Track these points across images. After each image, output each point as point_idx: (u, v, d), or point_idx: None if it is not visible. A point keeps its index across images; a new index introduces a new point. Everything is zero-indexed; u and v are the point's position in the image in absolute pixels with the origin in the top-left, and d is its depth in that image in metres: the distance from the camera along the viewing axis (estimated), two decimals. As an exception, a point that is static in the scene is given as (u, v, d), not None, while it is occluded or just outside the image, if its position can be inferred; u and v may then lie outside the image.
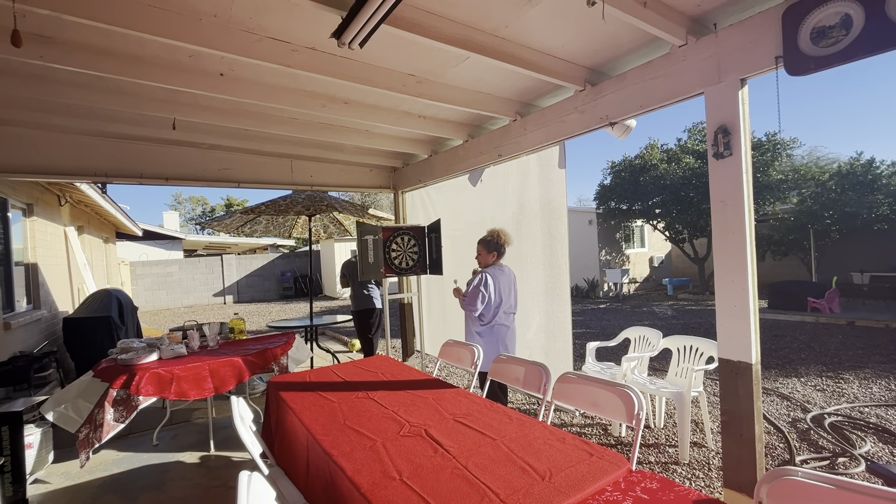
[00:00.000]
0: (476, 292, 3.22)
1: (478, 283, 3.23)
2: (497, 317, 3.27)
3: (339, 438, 1.82)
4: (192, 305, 16.07)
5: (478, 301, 3.21)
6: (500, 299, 3.24)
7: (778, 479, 1.23)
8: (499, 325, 3.29)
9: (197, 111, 3.47)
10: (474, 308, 3.23)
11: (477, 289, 3.22)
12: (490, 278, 3.22)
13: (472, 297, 3.23)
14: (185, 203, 40.02)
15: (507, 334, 3.34)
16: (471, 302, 3.24)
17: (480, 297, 3.21)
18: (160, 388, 3.16)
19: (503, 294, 3.26)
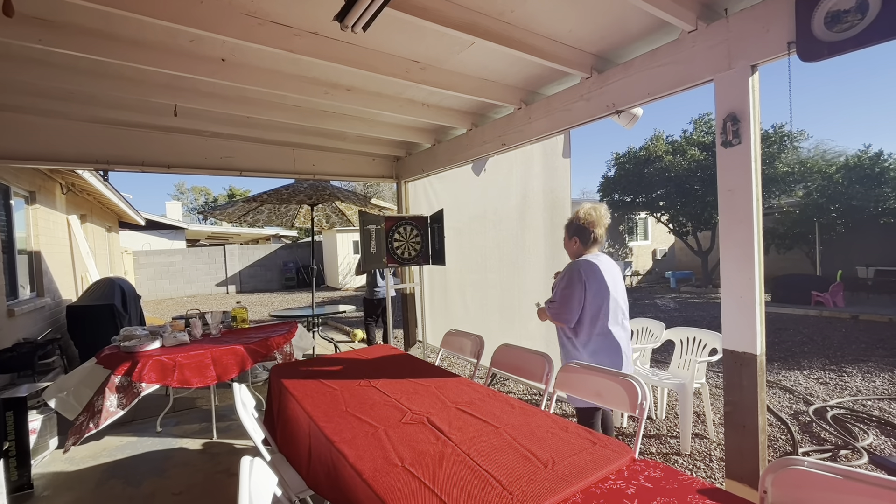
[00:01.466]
0: (565, 297, 2.34)
1: (565, 284, 2.36)
2: (601, 323, 2.36)
3: (341, 425, 1.81)
4: (195, 295, 16.13)
5: (570, 307, 2.32)
6: (600, 300, 2.34)
7: (783, 469, 1.22)
8: (606, 335, 2.37)
9: (198, 97, 3.43)
10: (567, 318, 2.35)
11: (565, 292, 2.34)
12: (582, 273, 2.33)
13: (562, 303, 2.36)
14: (187, 193, 40.05)
15: (622, 346, 2.39)
16: (561, 310, 2.36)
17: (572, 302, 2.33)
18: (163, 376, 3.18)
19: (604, 292, 2.34)
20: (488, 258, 4.40)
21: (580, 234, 2.47)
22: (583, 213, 2.47)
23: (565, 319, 2.37)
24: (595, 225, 2.43)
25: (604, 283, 2.34)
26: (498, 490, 1.29)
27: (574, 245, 2.50)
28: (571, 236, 2.52)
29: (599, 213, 2.45)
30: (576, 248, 2.50)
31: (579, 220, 2.46)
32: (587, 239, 2.46)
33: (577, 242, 2.48)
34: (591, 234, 2.44)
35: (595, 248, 2.47)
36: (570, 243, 2.54)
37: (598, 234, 2.44)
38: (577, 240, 2.48)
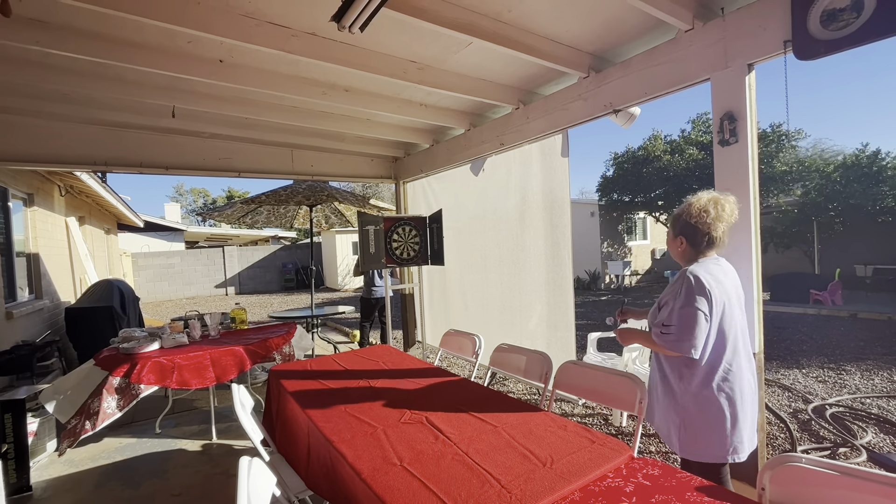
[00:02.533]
0: (687, 318, 1.67)
1: (683, 301, 1.69)
2: (728, 355, 1.73)
3: (340, 425, 1.81)
4: (194, 296, 16.12)
5: (695, 332, 1.66)
6: (726, 320, 1.73)
7: (781, 466, 1.22)
8: (725, 366, 1.73)
9: (196, 99, 3.43)
10: (693, 345, 1.67)
11: (685, 311, 1.68)
12: (706, 285, 1.68)
13: (684, 327, 1.67)
14: (186, 195, 40.04)
15: (749, 387, 1.78)
16: (682, 337, 1.67)
17: (697, 325, 1.66)
18: (161, 377, 3.17)
19: (729, 310, 1.74)
20: (488, 258, 4.40)
21: (688, 233, 1.85)
22: (697, 207, 1.82)
23: (688, 348, 1.67)
24: (712, 225, 1.79)
25: (730, 296, 1.76)
26: (496, 489, 1.29)
27: (680, 246, 1.88)
28: (676, 234, 1.90)
29: (721, 209, 1.80)
30: (683, 252, 1.88)
31: (690, 217, 1.83)
32: (699, 241, 1.82)
33: (685, 244, 1.86)
34: (704, 237, 1.81)
35: (712, 252, 1.85)
36: (674, 243, 1.93)
37: (716, 235, 1.81)
38: (683, 240, 1.87)
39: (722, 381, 1.73)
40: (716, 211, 1.80)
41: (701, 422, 1.74)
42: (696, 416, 1.74)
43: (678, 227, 1.90)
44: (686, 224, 1.85)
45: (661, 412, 1.89)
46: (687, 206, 1.88)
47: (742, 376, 1.75)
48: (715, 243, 1.83)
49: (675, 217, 1.93)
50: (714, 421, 1.71)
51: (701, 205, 1.82)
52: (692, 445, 1.76)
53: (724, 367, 1.74)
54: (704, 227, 1.81)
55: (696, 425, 1.75)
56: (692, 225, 1.83)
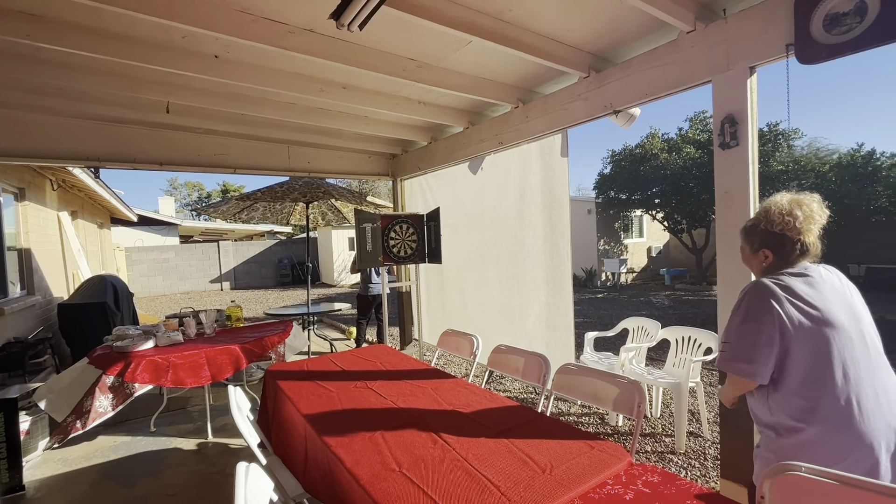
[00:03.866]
0: (744, 336, 1.43)
1: (742, 318, 1.44)
2: (826, 380, 1.34)
3: (338, 429, 1.80)
4: (189, 292, 16.02)
5: (754, 352, 1.39)
6: (819, 345, 1.36)
7: (781, 475, 1.22)
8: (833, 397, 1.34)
9: (191, 94, 3.38)
10: (751, 369, 1.39)
11: (742, 328, 1.44)
12: (772, 300, 1.38)
13: (739, 345, 1.44)
14: (180, 189, 39.75)
15: (884, 439, 1.32)
16: (737, 356, 1.43)
17: (757, 344, 1.39)
18: (156, 376, 3.15)
19: (825, 329, 1.36)
20: (486, 257, 4.39)
21: (773, 243, 1.51)
22: (778, 211, 1.50)
23: (746, 371, 1.40)
24: (803, 230, 1.47)
25: (825, 309, 1.38)
26: (496, 496, 1.29)
27: (765, 261, 1.53)
28: (757, 248, 1.55)
29: (810, 211, 1.48)
30: (768, 267, 1.53)
31: (772, 225, 1.50)
32: (789, 251, 1.49)
33: (770, 257, 1.52)
34: (795, 244, 1.48)
35: (804, 261, 1.50)
36: (754, 259, 1.58)
37: (810, 240, 1.48)
38: (768, 254, 1.52)
39: (833, 420, 1.32)
40: (803, 212, 1.47)
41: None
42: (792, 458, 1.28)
43: (759, 239, 1.55)
44: (768, 234, 1.51)
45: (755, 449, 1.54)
46: (764, 212, 1.55)
47: (875, 417, 1.32)
48: (809, 251, 1.48)
49: (750, 227, 1.60)
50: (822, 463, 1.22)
51: (783, 208, 1.49)
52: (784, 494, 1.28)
53: (834, 401, 1.33)
54: (794, 234, 1.46)
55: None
56: (777, 234, 1.49)
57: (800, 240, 1.47)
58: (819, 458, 1.29)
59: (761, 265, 1.56)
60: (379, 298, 5.99)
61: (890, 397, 1.36)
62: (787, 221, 1.47)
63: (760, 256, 1.55)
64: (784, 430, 1.40)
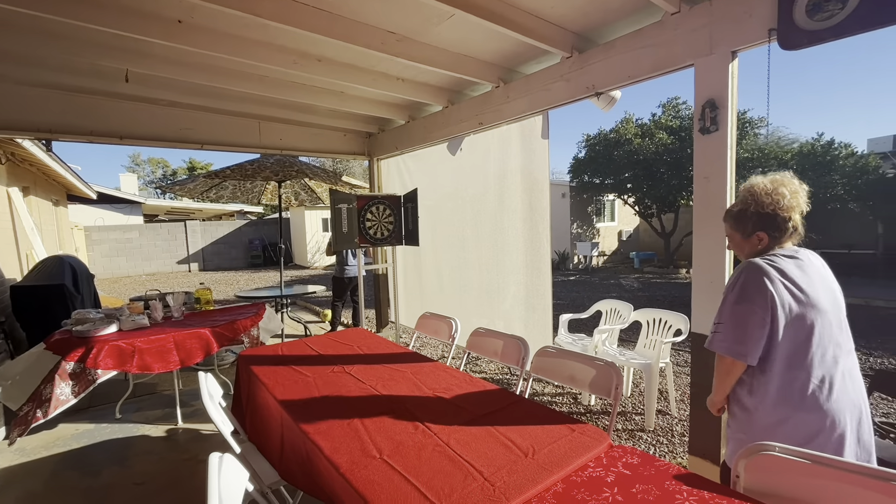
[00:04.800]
0: (738, 316, 1.43)
1: (736, 297, 1.44)
2: (806, 361, 1.39)
3: (316, 415, 1.75)
4: (155, 273, 15.42)
5: (746, 334, 1.40)
6: (804, 325, 1.39)
7: (755, 454, 1.25)
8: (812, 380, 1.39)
9: (153, 63, 3.16)
10: (743, 350, 1.41)
11: (737, 308, 1.43)
12: (766, 279, 1.39)
13: (733, 325, 1.44)
14: (143, 165, 37.83)
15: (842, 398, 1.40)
16: (731, 337, 1.44)
17: (749, 325, 1.40)
18: (120, 361, 3.01)
19: (810, 311, 1.40)
20: (466, 239, 4.36)
21: (766, 224, 1.49)
22: (764, 192, 1.50)
23: (737, 352, 1.42)
24: (791, 207, 1.47)
25: (812, 293, 1.41)
26: (479, 482, 1.28)
27: (759, 245, 1.53)
28: (750, 232, 1.53)
29: (795, 187, 1.49)
30: (763, 249, 1.52)
31: (763, 206, 1.49)
32: (782, 231, 1.49)
33: (766, 239, 1.51)
34: (787, 222, 1.48)
35: (790, 242, 1.52)
36: (747, 244, 1.56)
37: (797, 219, 1.49)
38: (763, 236, 1.51)
39: (809, 400, 1.38)
40: (788, 189, 1.48)
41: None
42: (768, 437, 1.35)
43: (751, 223, 1.52)
44: (761, 215, 1.49)
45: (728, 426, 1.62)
46: (749, 195, 1.54)
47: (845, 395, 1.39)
48: (797, 229, 1.50)
49: (738, 213, 1.56)
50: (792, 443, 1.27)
51: (768, 188, 1.50)
52: None
53: (810, 383, 1.38)
54: (785, 211, 1.47)
55: None
56: (769, 214, 1.48)
57: (790, 216, 1.48)
58: (793, 435, 1.38)
59: (755, 248, 1.54)
60: (355, 281, 5.93)
61: (854, 378, 1.45)
62: (776, 200, 1.47)
63: (755, 240, 1.53)
64: (761, 410, 1.44)
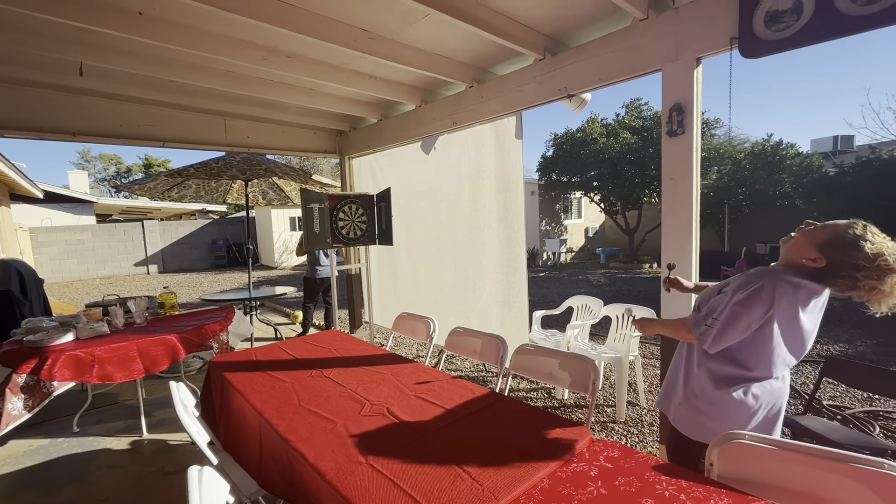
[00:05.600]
0: (735, 315, 1.47)
1: (744, 298, 1.46)
2: (775, 366, 1.53)
3: (296, 422, 1.72)
4: (110, 276, 14.62)
5: (733, 329, 1.48)
6: (795, 344, 1.51)
7: (728, 443, 1.33)
8: (778, 382, 1.56)
9: (110, 55, 2.98)
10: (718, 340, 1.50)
11: (737, 308, 1.47)
12: (777, 294, 1.42)
13: (729, 321, 1.48)
14: (94, 162, 35.76)
15: (783, 395, 1.58)
16: (718, 332, 1.49)
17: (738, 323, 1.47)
18: (79, 372, 2.86)
19: (803, 338, 1.50)
20: (441, 238, 4.36)
21: (844, 272, 1.38)
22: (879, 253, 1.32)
23: (714, 344, 1.51)
24: (882, 291, 1.33)
25: (804, 325, 1.48)
26: (468, 482, 1.29)
27: (813, 262, 1.44)
28: (821, 255, 1.42)
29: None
30: (805, 269, 1.46)
31: (865, 261, 1.34)
32: (837, 281, 1.42)
33: (821, 265, 1.42)
34: (856, 283, 1.37)
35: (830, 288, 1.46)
36: (805, 250, 1.46)
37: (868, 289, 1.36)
38: (823, 263, 1.42)
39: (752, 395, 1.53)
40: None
41: (709, 412, 1.58)
42: (705, 405, 1.59)
43: (842, 261, 1.38)
44: (855, 266, 1.35)
45: (670, 386, 1.78)
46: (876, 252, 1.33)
47: (779, 385, 1.56)
48: (845, 291, 1.41)
49: (839, 245, 1.39)
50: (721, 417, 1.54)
51: (887, 251, 1.33)
52: (687, 424, 1.64)
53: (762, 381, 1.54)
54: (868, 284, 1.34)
55: (704, 412, 1.59)
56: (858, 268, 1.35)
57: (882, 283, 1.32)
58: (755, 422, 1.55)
59: (800, 260, 1.48)
60: (328, 281, 5.84)
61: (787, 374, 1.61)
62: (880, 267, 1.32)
63: (815, 258, 1.43)
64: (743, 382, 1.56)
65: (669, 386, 1.79)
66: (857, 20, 1.80)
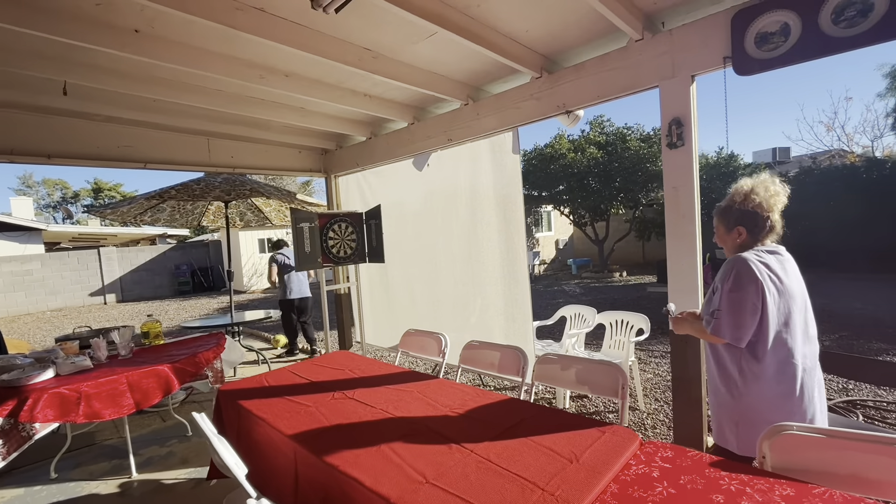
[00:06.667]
0: (734, 303, 1.61)
1: (731, 286, 1.63)
2: (787, 344, 1.63)
3: (335, 446, 1.66)
4: (62, 308, 13.61)
5: (742, 319, 1.60)
6: (786, 310, 1.63)
7: (778, 435, 1.39)
8: (792, 361, 1.63)
9: (96, 74, 2.86)
10: (739, 334, 1.62)
11: (733, 296, 1.62)
12: (754, 268, 1.60)
13: (730, 312, 1.62)
14: (36, 187, 33.50)
15: (812, 377, 1.67)
16: (727, 323, 1.63)
17: (744, 311, 1.60)
18: (64, 411, 2.65)
19: (788, 301, 1.64)
20: (437, 253, 4.35)
21: (748, 221, 1.72)
22: (745, 192, 1.74)
23: (735, 336, 1.61)
24: (770, 207, 1.70)
25: (789, 284, 1.65)
26: (538, 493, 1.28)
27: (738, 238, 1.75)
28: (732, 226, 1.76)
29: (775, 189, 1.72)
30: (742, 243, 1.75)
31: (746, 204, 1.72)
32: (760, 228, 1.71)
33: (745, 234, 1.73)
34: (765, 221, 1.70)
35: (768, 239, 1.75)
36: (729, 237, 1.79)
37: (775, 219, 1.72)
38: (742, 231, 1.73)
39: (782, 364, 1.62)
40: (768, 191, 1.71)
41: (761, 418, 1.60)
42: (757, 413, 1.64)
43: (732, 218, 1.76)
44: (742, 212, 1.73)
45: (715, 408, 1.81)
46: (735, 193, 1.78)
47: (794, 364, 1.62)
48: (775, 227, 1.72)
49: (724, 209, 1.81)
50: (774, 419, 1.51)
51: (750, 189, 1.73)
52: (751, 441, 1.58)
53: (791, 364, 1.62)
54: (763, 211, 1.70)
55: (756, 421, 1.61)
56: (749, 211, 1.71)
57: (769, 216, 1.71)
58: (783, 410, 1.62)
59: (735, 242, 1.78)
60: (301, 302, 5.85)
61: (816, 360, 1.71)
62: (755, 199, 1.72)
63: (735, 234, 1.77)
64: (755, 391, 1.66)
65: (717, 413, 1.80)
66: (841, 41, 1.99)
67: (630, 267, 14.77)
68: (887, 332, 5.79)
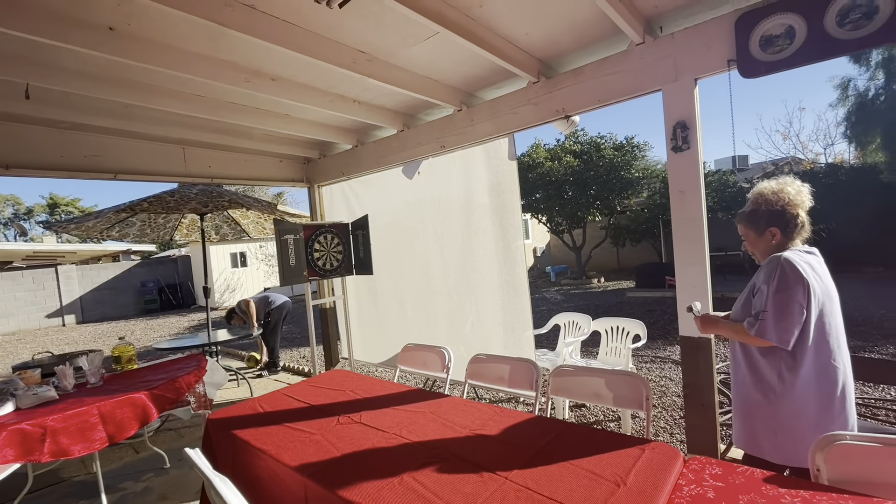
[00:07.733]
0: (782, 304, 1.55)
1: (777, 286, 1.56)
2: (829, 346, 1.60)
3: (350, 478, 1.50)
4: (16, 332, 12.66)
5: (791, 320, 1.54)
6: (828, 312, 1.60)
7: (831, 445, 1.32)
8: (833, 364, 1.60)
9: (62, 77, 2.62)
10: (787, 336, 1.55)
11: (780, 297, 1.55)
12: (801, 270, 1.55)
13: (779, 314, 1.55)
14: (-15, 203, 31.40)
15: (850, 380, 1.64)
16: (777, 325, 1.55)
17: (792, 312, 1.54)
18: (26, 450, 2.37)
19: (828, 302, 1.61)
20: (430, 263, 4.21)
21: (779, 220, 1.68)
22: (770, 190, 1.72)
23: (782, 339, 1.54)
24: (799, 204, 1.68)
25: (828, 285, 1.63)
26: (593, 523, 1.17)
27: (773, 240, 1.70)
28: (764, 228, 1.71)
29: (798, 186, 1.71)
30: (777, 245, 1.70)
31: (774, 204, 1.69)
32: (792, 226, 1.68)
33: (779, 234, 1.69)
34: (795, 219, 1.67)
35: (799, 238, 1.71)
36: (761, 240, 1.74)
37: (804, 217, 1.69)
38: (776, 231, 1.69)
39: (831, 382, 1.58)
40: (793, 188, 1.70)
41: (803, 425, 1.57)
42: (799, 419, 1.58)
43: (763, 220, 1.72)
44: (771, 213, 1.70)
45: (745, 416, 1.73)
46: (758, 196, 1.75)
47: (847, 376, 1.61)
48: (805, 225, 1.69)
49: (751, 213, 1.76)
50: (817, 424, 1.54)
51: (775, 188, 1.71)
52: (790, 449, 1.59)
53: (832, 367, 1.59)
54: (793, 208, 1.67)
55: (798, 428, 1.58)
56: (778, 210, 1.68)
57: (798, 213, 1.68)
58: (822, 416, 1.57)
59: (770, 244, 1.73)
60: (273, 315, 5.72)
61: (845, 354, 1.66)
62: (783, 198, 1.69)
63: (768, 236, 1.72)
64: (792, 393, 1.59)
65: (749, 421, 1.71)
66: (846, 43, 2.00)
67: (607, 273, 15.00)
68: (858, 330, 5.99)
